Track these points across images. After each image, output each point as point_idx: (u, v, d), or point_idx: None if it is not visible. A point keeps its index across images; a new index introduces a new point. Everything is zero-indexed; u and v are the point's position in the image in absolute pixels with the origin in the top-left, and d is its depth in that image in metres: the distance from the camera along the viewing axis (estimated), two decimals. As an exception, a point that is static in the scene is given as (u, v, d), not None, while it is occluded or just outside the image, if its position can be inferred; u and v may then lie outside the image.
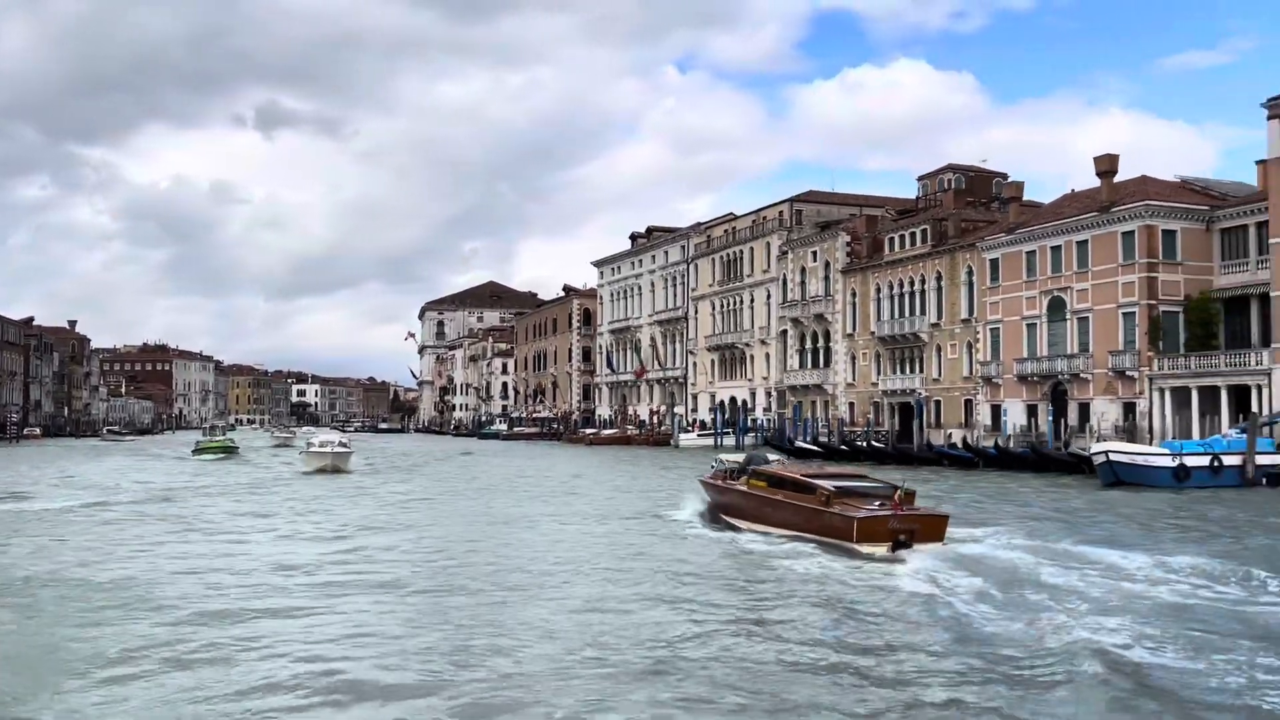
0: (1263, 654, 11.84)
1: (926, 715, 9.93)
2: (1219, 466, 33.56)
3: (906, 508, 19.26)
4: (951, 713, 9.93)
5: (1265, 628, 13.29)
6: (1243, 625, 13.38)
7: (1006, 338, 59.97)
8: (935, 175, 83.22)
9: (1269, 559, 18.54)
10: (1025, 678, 11.02)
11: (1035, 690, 10.59)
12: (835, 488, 20.28)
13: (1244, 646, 12.17)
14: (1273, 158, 46.80)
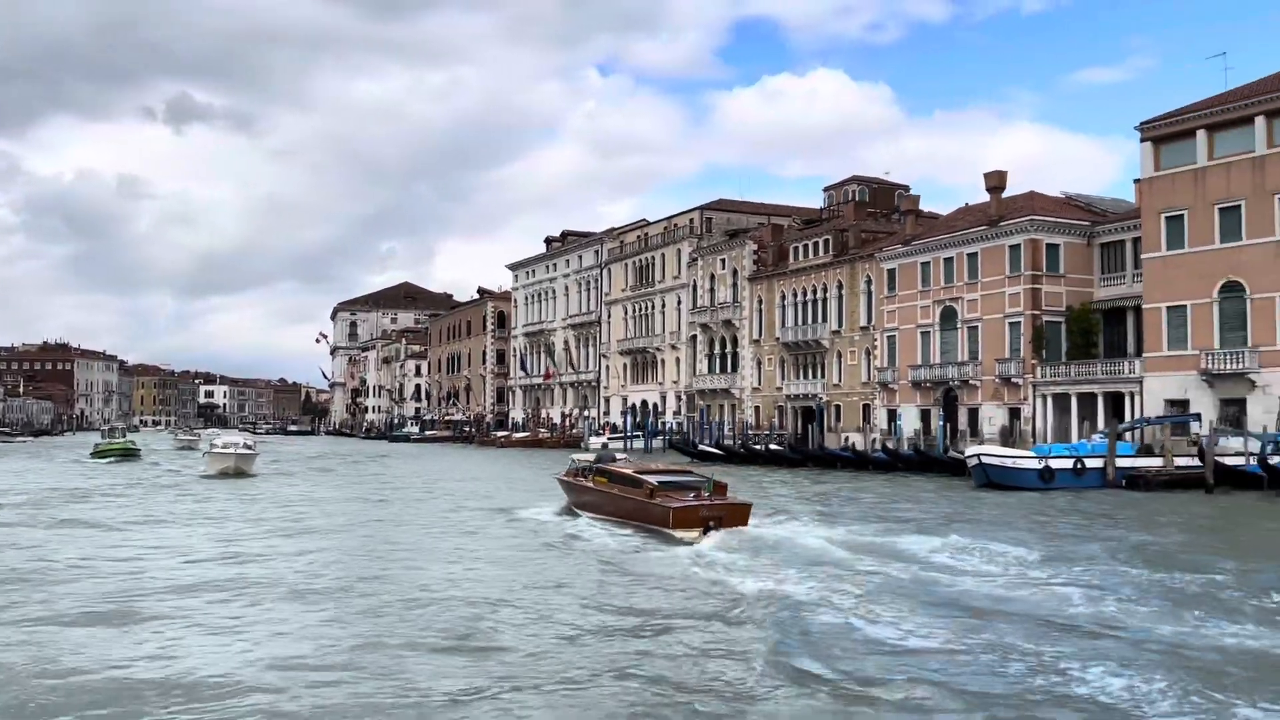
0: (992, 630, 13.44)
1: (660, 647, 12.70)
2: (1082, 469, 35.81)
3: (716, 498, 22.60)
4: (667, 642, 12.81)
5: (1015, 606, 15.11)
6: (991, 604, 15.19)
7: (902, 345, 62.33)
8: (840, 186, 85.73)
9: (1062, 548, 20.99)
10: (731, 618, 14.39)
11: (726, 625, 13.71)
12: (658, 482, 23.49)
13: (968, 622, 13.88)
14: (1145, 178, 49.73)
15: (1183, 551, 20.88)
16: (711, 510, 21.86)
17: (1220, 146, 46.58)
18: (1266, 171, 44.65)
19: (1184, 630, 13.35)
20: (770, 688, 10.95)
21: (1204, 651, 12.19)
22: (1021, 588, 16.48)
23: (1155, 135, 48.99)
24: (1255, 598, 15.31)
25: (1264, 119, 44.88)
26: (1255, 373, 44.45)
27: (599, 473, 26.20)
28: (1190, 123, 47.59)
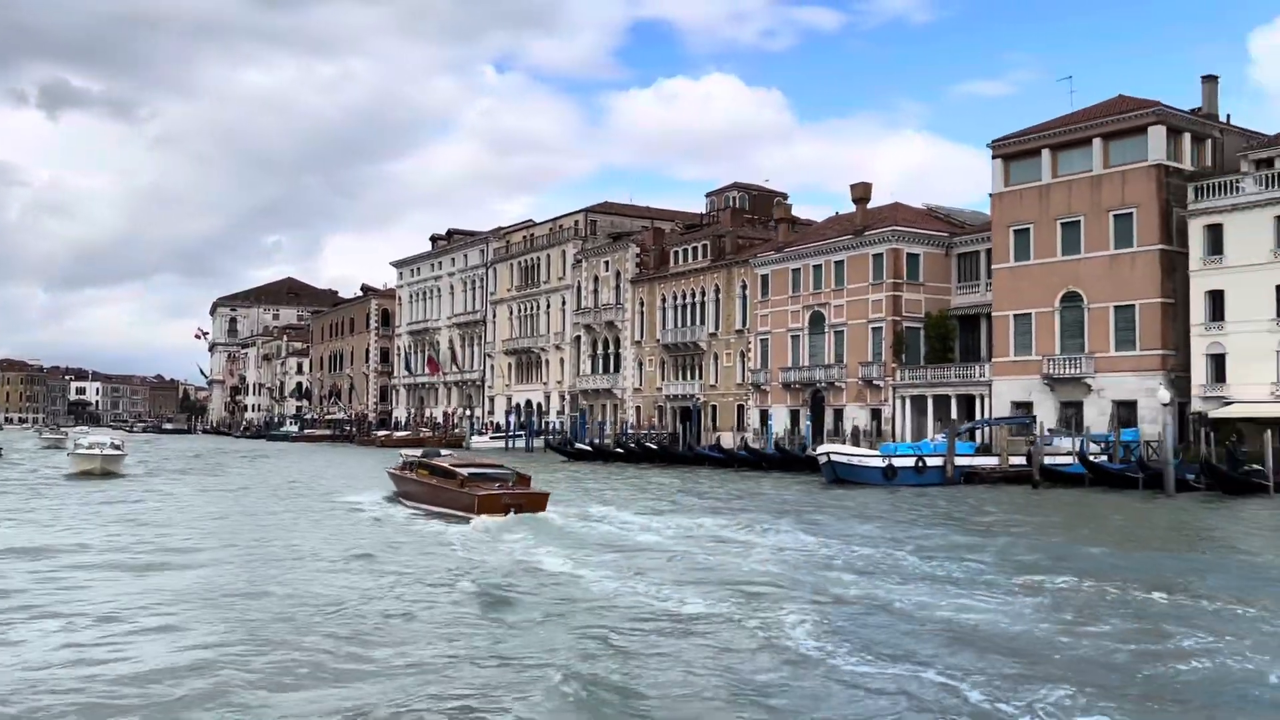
0: (728, 597, 15.61)
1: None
2: (923, 467, 38.17)
3: (519, 488, 26.22)
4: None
5: (762, 575, 17.68)
6: (739, 575, 17.68)
7: (774, 348, 64.60)
8: (722, 192, 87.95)
9: (846, 534, 23.77)
10: (456, 573, 17.78)
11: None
12: (468, 474, 26.75)
13: (713, 591, 16.09)
14: (996, 192, 52.84)
15: (964, 538, 23.42)
16: (513, 498, 25.29)
17: (1063, 165, 49.90)
18: (1103, 190, 48.06)
19: (905, 596, 15.59)
20: (465, 616, 14.53)
21: (918, 619, 14.21)
22: (777, 563, 19.11)
23: (1005, 153, 52.15)
24: (995, 579, 17.30)
25: (1101, 141, 48.30)
26: (1091, 377, 47.83)
27: (421, 466, 29.62)
28: (1036, 142, 50.85)
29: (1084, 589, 16.37)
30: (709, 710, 10.15)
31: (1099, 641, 12.81)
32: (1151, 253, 46.29)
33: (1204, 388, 44.10)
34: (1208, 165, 47.67)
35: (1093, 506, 31.27)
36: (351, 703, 10.22)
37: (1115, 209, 47.46)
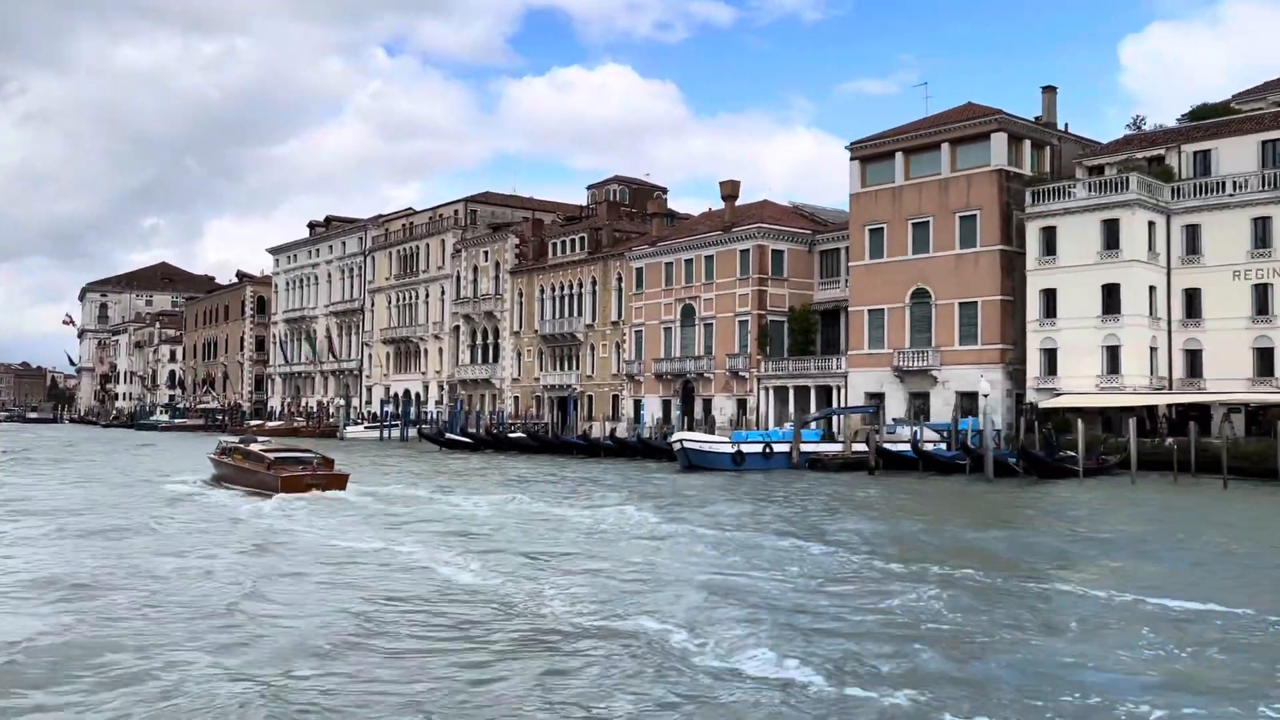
0: (498, 566, 17.86)
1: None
2: (770, 453, 40.10)
3: (322, 470, 29.96)
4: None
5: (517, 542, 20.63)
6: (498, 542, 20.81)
7: (648, 339, 66.12)
8: (603, 185, 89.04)
9: (660, 511, 26.32)
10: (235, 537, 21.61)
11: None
12: (275, 458, 30.40)
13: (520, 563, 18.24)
14: (854, 193, 55.26)
15: (762, 512, 25.98)
16: (314, 478, 29.25)
17: (915, 168, 52.55)
18: (950, 192, 50.84)
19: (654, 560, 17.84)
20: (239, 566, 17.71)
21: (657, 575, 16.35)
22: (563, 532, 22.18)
23: (862, 155, 54.59)
24: (774, 550, 19.40)
25: (949, 146, 51.07)
26: (937, 369, 50.61)
27: (236, 451, 33.53)
28: (891, 146, 53.39)
29: (839, 556, 18.37)
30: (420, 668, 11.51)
31: (838, 597, 14.58)
32: (993, 253, 49.24)
33: (1037, 380, 47.20)
34: (1046, 171, 50.86)
35: (910, 487, 33.69)
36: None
37: (961, 211, 50.28)
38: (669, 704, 9.79)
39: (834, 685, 10.20)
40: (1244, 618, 13.43)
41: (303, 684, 10.49)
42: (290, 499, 27.30)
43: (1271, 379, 43.07)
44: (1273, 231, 43.68)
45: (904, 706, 9.59)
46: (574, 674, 10.90)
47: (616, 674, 10.86)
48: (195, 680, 10.54)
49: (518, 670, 11.00)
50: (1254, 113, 48.25)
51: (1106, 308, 45.21)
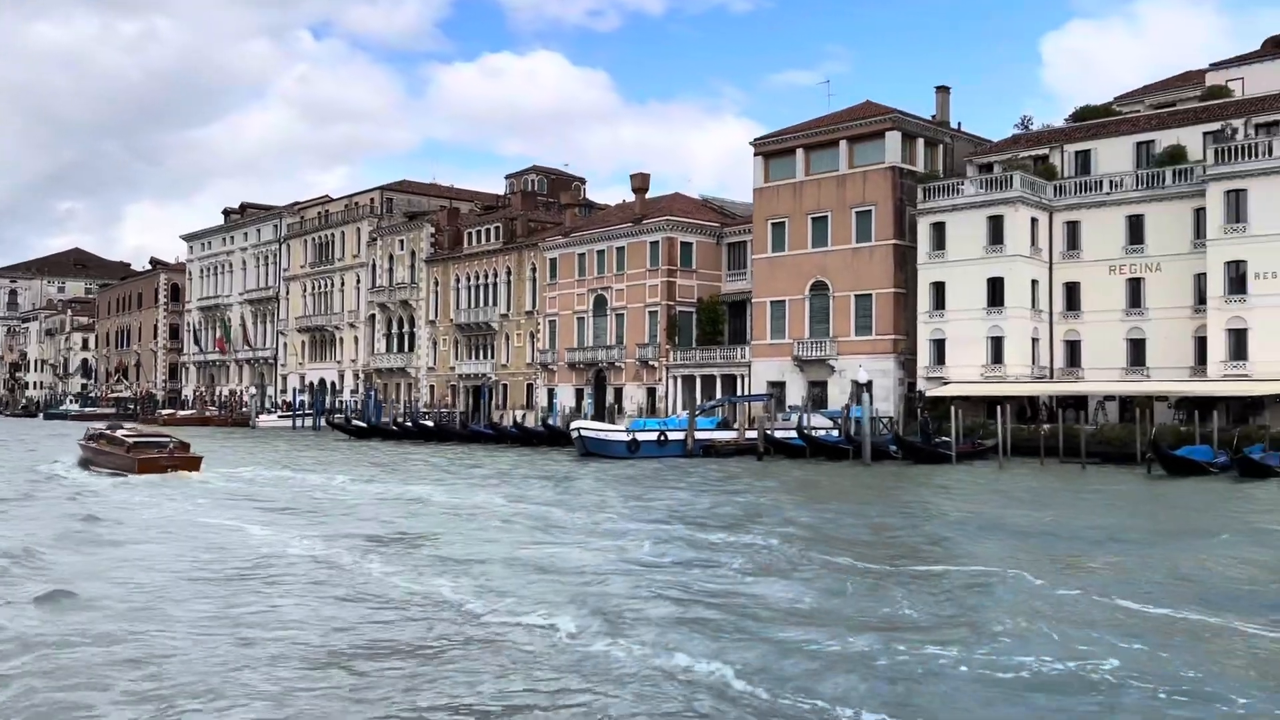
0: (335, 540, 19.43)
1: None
2: (665, 440, 41.37)
3: (177, 453, 33.21)
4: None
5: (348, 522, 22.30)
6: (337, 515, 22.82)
7: (561, 329, 66.98)
8: (521, 175, 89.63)
9: (528, 493, 27.91)
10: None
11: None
12: (134, 442, 33.60)
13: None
14: (757, 187, 56.70)
15: (636, 496, 27.42)
16: (170, 461, 32.60)
17: (815, 164, 54.15)
18: (847, 188, 52.53)
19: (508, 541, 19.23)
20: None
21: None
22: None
23: (765, 151, 56.04)
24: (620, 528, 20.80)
25: (846, 143, 52.74)
26: (834, 359, 52.34)
27: (101, 437, 36.88)
28: (792, 142, 54.91)
29: (662, 528, 19.82)
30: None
31: (643, 566, 15.95)
32: (887, 247, 51.06)
33: (927, 369, 49.18)
34: (938, 169, 52.81)
35: (777, 472, 35.16)
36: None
37: (857, 206, 52.01)
38: (441, 652, 10.85)
39: (620, 644, 11.27)
40: (970, 574, 15.44)
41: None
42: (144, 479, 30.57)
43: (1143, 369, 45.53)
44: (1145, 229, 46.05)
45: (706, 672, 10.54)
46: (355, 629, 12.12)
47: (395, 631, 12.07)
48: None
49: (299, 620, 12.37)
50: (1131, 115, 50.73)
51: (991, 300, 47.27)
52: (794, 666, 10.27)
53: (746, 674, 9.99)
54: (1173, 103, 50.82)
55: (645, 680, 9.92)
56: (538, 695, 9.47)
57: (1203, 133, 45.29)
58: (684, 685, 9.74)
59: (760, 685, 9.64)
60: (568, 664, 10.57)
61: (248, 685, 9.82)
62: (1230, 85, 48.85)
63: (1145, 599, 13.42)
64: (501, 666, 10.42)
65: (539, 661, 10.66)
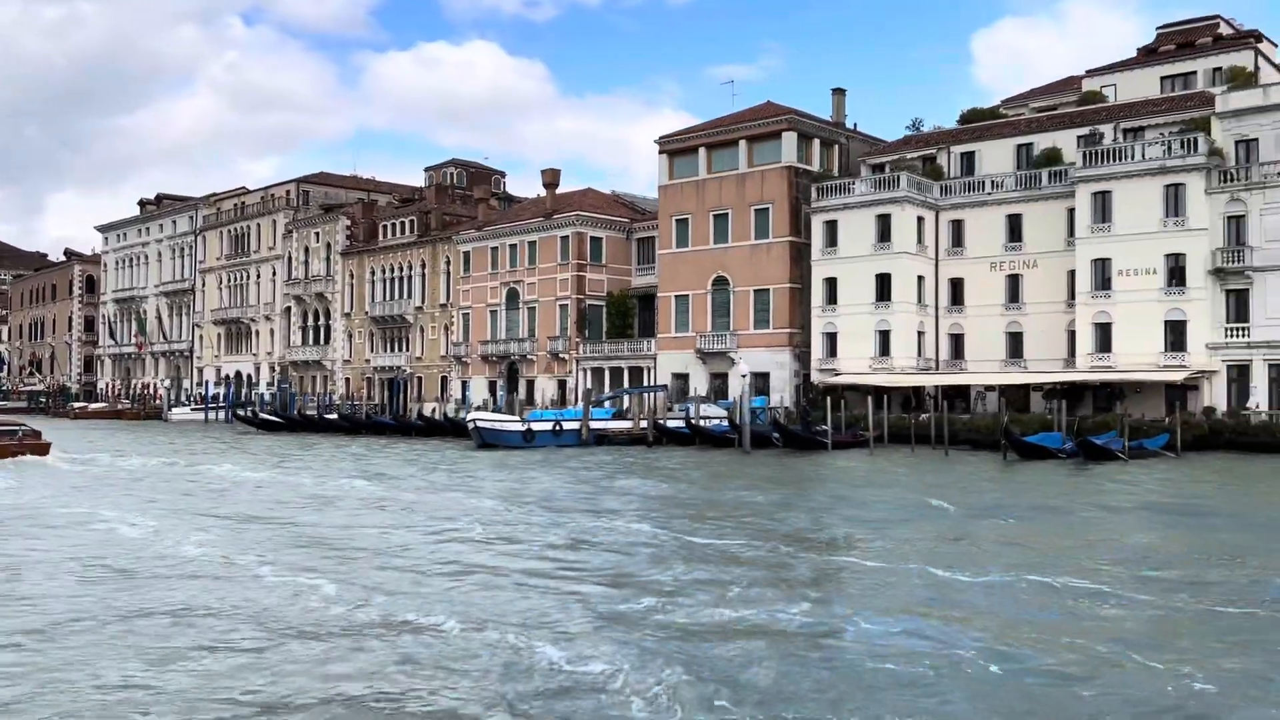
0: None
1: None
2: (560, 430, 42.62)
3: (27, 439, 35.89)
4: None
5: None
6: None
7: (474, 322, 67.82)
8: (440, 168, 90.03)
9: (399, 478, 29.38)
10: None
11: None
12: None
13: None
14: (662, 185, 58.11)
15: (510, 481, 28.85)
16: (19, 446, 35.13)
17: (716, 163, 55.72)
18: (746, 187, 54.19)
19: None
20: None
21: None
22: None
23: (670, 149, 57.47)
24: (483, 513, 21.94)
25: (745, 143, 54.38)
26: (735, 352, 53.99)
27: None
28: (695, 141, 56.42)
29: (500, 505, 21.10)
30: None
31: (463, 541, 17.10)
32: (783, 244, 52.84)
33: (820, 361, 51.08)
34: (833, 168, 54.70)
35: (665, 459, 36.53)
36: None
37: (756, 204, 53.71)
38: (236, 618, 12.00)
39: (467, 627, 12.41)
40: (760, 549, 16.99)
41: None
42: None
43: (1021, 360, 47.89)
44: (1023, 227, 48.36)
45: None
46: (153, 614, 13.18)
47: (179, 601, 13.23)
48: None
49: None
50: (1013, 118, 53.13)
51: (880, 295, 49.28)
52: (531, 612, 11.53)
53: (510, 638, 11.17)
54: (1054, 107, 53.27)
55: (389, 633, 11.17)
56: (264, 648, 10.70)
57: (1076, 136, 47.73)
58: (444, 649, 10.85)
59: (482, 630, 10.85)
60: (308, 620, 11.81)
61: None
62: (1105, 91, 51.42)
63: (939, 562, 15.13)
64: (260, 625, 11.65)
65: (277, 616, 12.01)
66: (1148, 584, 13.84)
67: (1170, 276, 42.67)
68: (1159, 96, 48.46)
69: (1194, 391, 41.96)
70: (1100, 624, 11.68)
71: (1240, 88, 43.91)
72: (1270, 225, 40.78)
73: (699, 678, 9.25)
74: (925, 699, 8.85)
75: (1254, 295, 41.11)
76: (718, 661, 9.90)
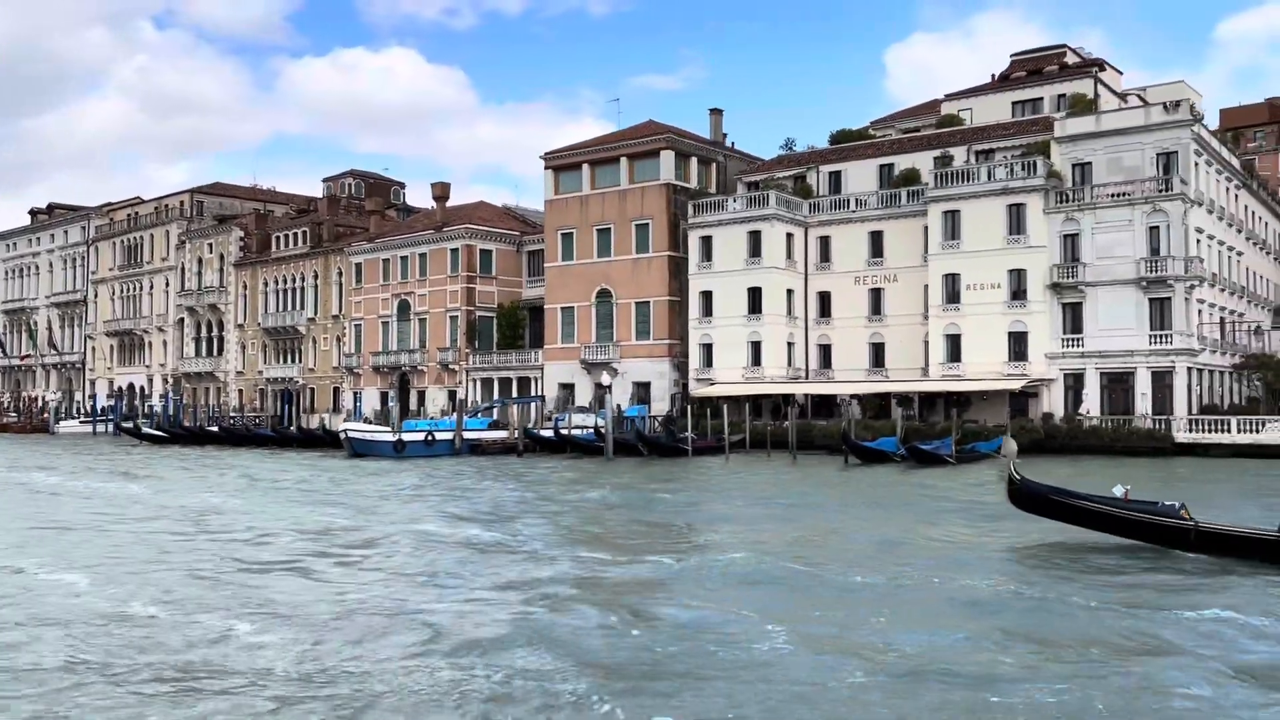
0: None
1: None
2: (432, 441, 43.73)
3: None
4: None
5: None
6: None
7: (366, 333, 68.36)
8: (338, 178, 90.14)
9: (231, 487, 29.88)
10: None
11: None
12: None
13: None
14: (548, 199, 59.57)
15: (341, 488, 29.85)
16: None
17: (599, 179, 57.37)
18: (628, 203, 55.94)
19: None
20: None
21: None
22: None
23: (555, 165, 58.97)
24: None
25: (627, 161, 56.16)
26: (617, 362, 55.68)
27: None
28: (579, 157, 58.02)
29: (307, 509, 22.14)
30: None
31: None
32: (662, 258, 54.69)
33: (698, 371, 53.01)
34: (709, 185, 56.76)
35: (529, 467, 37.67)
36: None
37: (637, 219, 55.50)
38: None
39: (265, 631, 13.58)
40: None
41: None
42: None
43: (883, 370, 50.43)
44: (885, 243, 50.96)
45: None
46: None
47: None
48: None
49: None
50: (876, 139, 55.88)
51: (752, 308, 51.40)
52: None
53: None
54: (918, 128, 56.18)
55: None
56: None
57: (932, 158, 50.53)
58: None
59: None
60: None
61: None
62: (962, 114, 54.45)
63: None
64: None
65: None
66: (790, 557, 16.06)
67: (1013, 291, 45.58)
68: (1009, 121, 51.57)
69: (1035, 398, 44.87)
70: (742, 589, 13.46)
71: (1077, 114, 47.11)
72: (1101, 243, 43.88)
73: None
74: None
75: (1087, 308, 44.15)
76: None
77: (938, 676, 9.29)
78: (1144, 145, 44.21)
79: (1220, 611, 11.68)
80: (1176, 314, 42.46)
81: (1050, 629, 11.21)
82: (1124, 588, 13.35)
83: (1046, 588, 13.31)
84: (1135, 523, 14.51)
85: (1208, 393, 44.98)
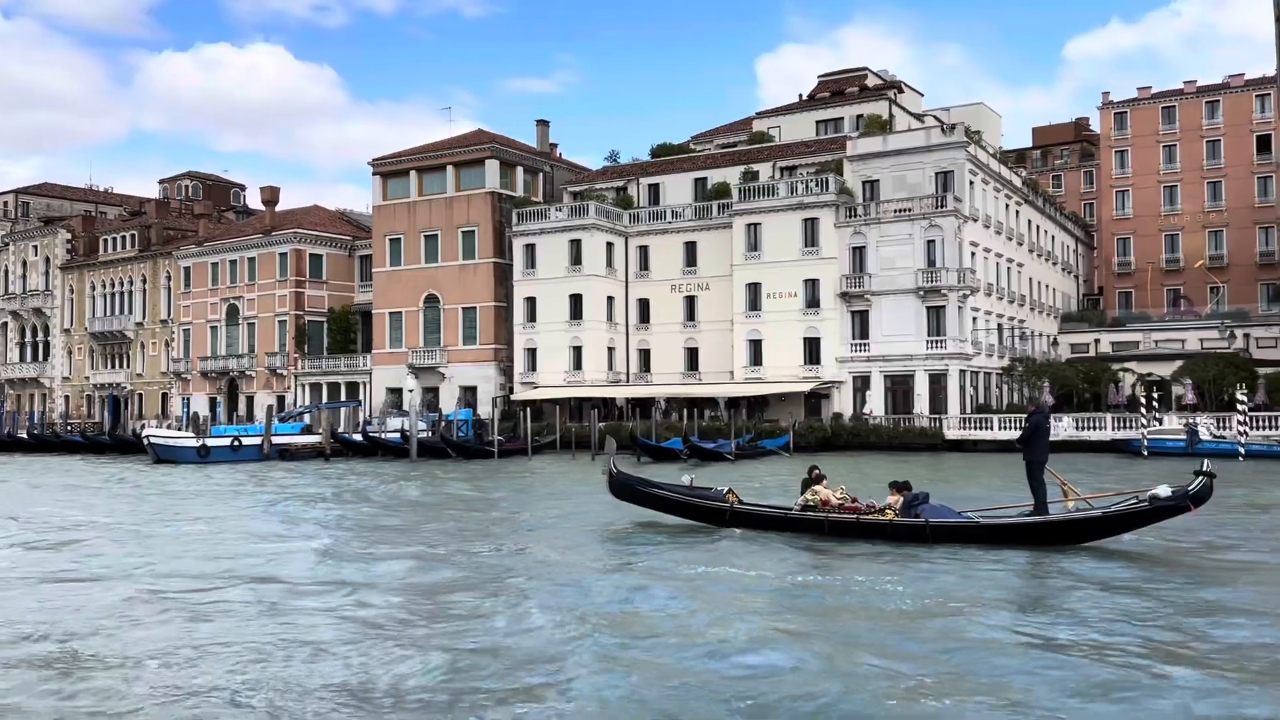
0: None
1: None
2: (239, 446, 43.99)
3: None
4: None
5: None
6: None
7: (195, 338, 67.47)
8: (175, 180, 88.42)
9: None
10: None
11: None
12: None
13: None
14: (376, 205, 60.15)
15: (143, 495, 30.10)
16: None
17: (427, 186, 58.33)
18: (454, 210, 57.06)
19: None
20: None
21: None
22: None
23: (384, 171, 59.64)
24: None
25: (453, 168, 57.29)
26: (445, 367, 56.71)
27: None
28: (407, 164, 58.83)
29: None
30: None
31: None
32: (488, 264, 56.01)
33: (522, 375, 54.49)
34: (535, 194, 58.37)
35: (335, 470, 38.11)
36: None
37: (463, 226, 56.67)
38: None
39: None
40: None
41: None
42: None
43: (697, 373, 52.89)
44: (698, 253, 53.45)
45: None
46: None
47: None
48: None
49: None
50: (694, 153, 58.47)
51: (573, 314, 53.18)
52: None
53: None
54: (734, 144, 59.00)
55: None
56: None
57: (741, 172, 53.30)
58: None
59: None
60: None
61: None
62: (771, 132, 57.50)
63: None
64: None
65: None
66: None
67: (808, 299, 48.62)
68: (811, 139, 54.78)
69: (827, 400, 47.97)
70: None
71: (867, 135, 50.56)
72: (885, 256, 47.26)
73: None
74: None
75: (873, 316, 47.48)
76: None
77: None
78: (924, 165, 47.88)
79: (730, 569, 13.51)
80: (950, 321, 46.12)
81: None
82: (678, 561, 14.92)
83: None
84: (693, 505, 16.70)
85: (982, 393, 48.91)
